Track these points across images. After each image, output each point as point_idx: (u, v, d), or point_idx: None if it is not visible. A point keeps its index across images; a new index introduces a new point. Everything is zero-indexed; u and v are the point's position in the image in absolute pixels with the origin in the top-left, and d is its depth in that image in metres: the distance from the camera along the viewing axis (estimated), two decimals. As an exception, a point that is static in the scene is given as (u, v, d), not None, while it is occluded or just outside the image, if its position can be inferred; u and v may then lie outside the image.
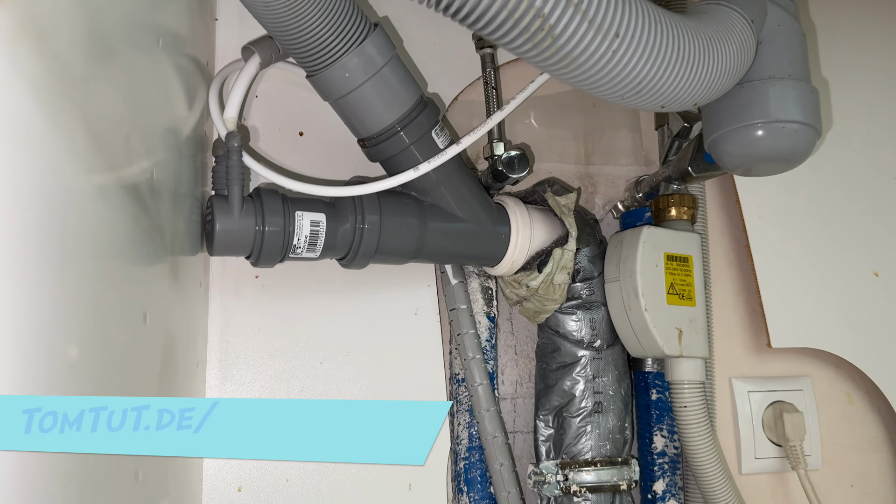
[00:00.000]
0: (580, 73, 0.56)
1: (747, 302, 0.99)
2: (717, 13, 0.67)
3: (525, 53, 0.55)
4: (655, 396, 0.89)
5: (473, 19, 0.53)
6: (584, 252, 0.85)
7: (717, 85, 0.64)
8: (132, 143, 0.47)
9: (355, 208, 0.73)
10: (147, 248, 0.50)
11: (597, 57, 0.54)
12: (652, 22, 0.56)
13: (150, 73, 0.55)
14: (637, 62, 0.56)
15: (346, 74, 0.70)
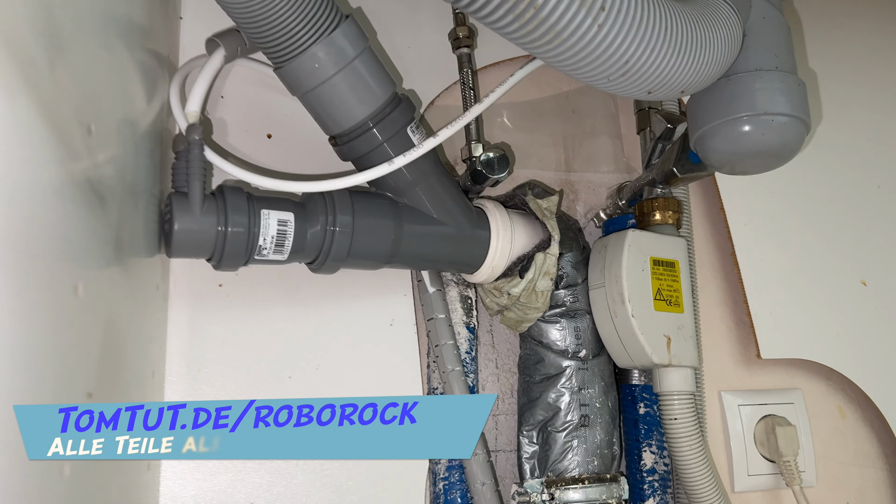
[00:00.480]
0: (565, 51, 0.53)
1: (734, 312, 0.95)
2: (704, 0, 0.65)
3: (507, 28, 0.52)
4: (643, 410, 0.85)
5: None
6: (568, 257, 0.81)
7: (705, 70, 0.61)
8: (84, 135, 0.43)
9: (326, 208, 0.69)
10: (92, 243, 0.45)
11: (582, 31, 0.51)
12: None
13: (106, 65, 0.51)
14: (624, 39, 0.53)
15: (316, 65, 0.66)
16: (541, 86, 0.96)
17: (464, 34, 0.85)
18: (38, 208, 0.36)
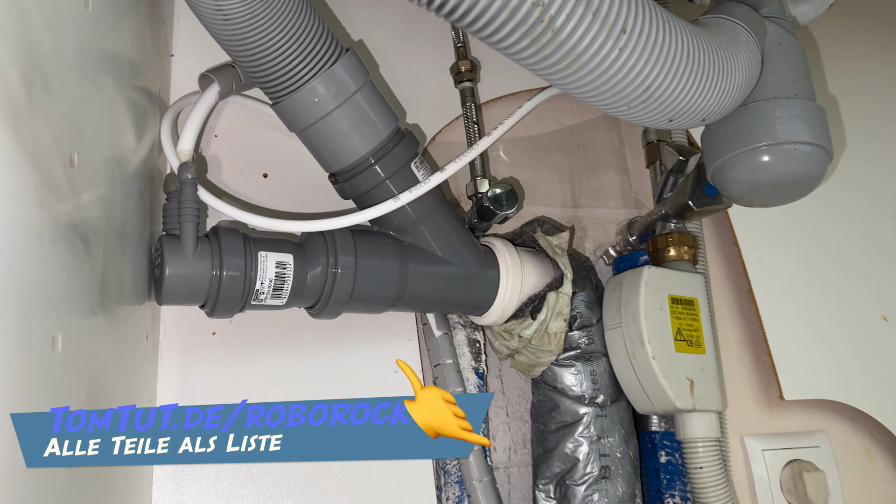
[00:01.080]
0: (584, 76, 0.50)
1: (753, 352, 0.91)
2: (722, 25, 0.62)
3: (523, 53, 0.48)
4: (665, 459, 0.80)
5: (465, 15, 0.46)
6: (581, 297, 0.77)
7: (727, 97, 0.58)
8: (67, 173, 0.39)
9: (327, 249, 0.65)
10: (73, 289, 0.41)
11: (602, 55, 0.48)
12: (660, 22, 0.51)
13: (92, 101, 0.47)
14: (645, 64, 0.50)
15: (315, 100, 0.63)
16: (544, 121, 0.93)
17: (466, 68, 0.82)
18: (13, 250, 0.32)
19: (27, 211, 0.33)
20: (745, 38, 0.62)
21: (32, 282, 0.34)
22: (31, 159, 0.33)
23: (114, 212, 0.52)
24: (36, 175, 0.34)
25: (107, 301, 0.49)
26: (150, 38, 0.67)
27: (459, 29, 0.84)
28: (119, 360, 0.54)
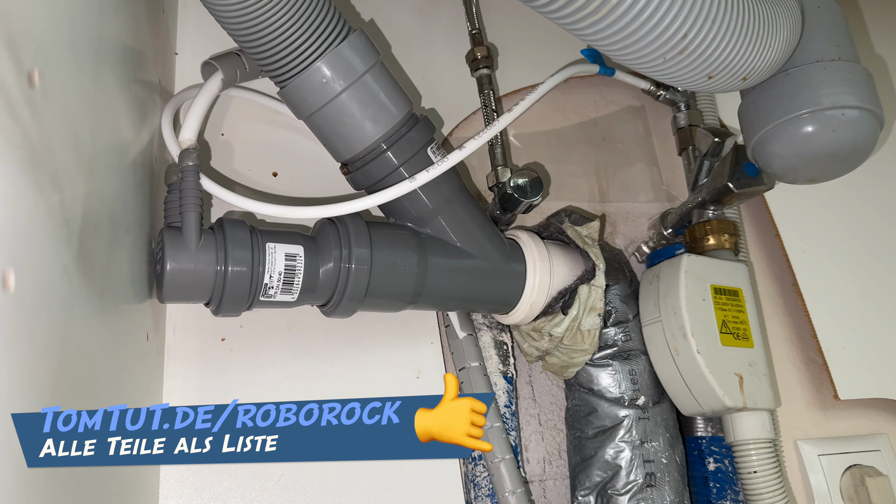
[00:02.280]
0: (614, 21, 0.45)
1: (802, 350, 0.85)
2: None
3: (552, 5, 0.44)
4: (713, 466, 0.73)
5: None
6: (615, 290, 0.72)
7: (770, 54, 0.53)
8: (63, 164, 0.35)
9: (340, 241, 0.60)
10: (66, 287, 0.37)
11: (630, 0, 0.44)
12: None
13: (89, 91, 0.43)
14: (679, 10, 0.46)
15: (323, 80, 0.59)
16: (566, 114, 0.89)
17: (482, 54, 0.78)
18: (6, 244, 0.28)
19: (22, 201, 0.29)
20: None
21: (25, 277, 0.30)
22: (26, 148, 0.29)
23: (111, 204, 0.48)
24: (29, 165, 0.30)
25: (104, 300, 0.45)
26: (149, 28, 0.64)
27: (474, 14, 0.80)
28: (118, 363, 0.49)
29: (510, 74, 0.85)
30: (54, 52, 0.34)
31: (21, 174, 0.29)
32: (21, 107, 0.28)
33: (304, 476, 0.65)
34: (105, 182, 0.47)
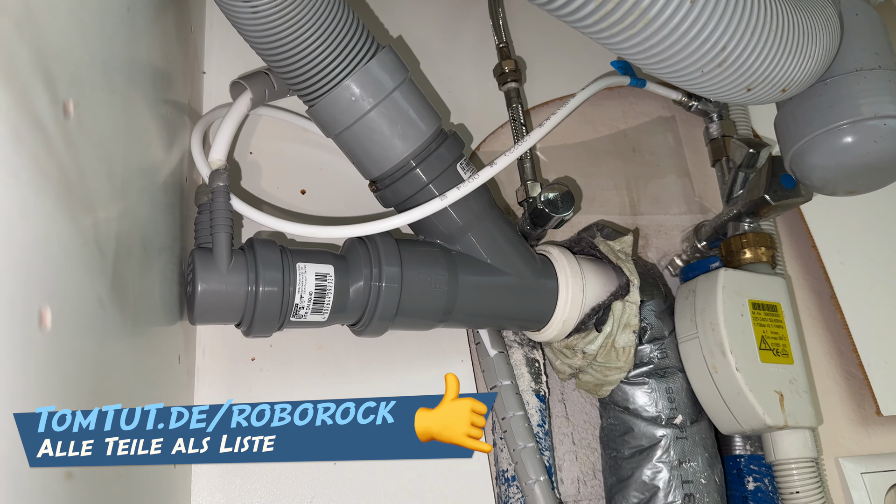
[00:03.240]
0: (651, 36, 0.44)
1: (841, 365, 0.82)
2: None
3: (588, 19, 0.43)
4: (753, 486, 0.71)
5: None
6: (650, 306, 0.70)
7: (809, 64, 0.52)
8: (94, 187, 0.35)
9: (370, 260, 0.60)
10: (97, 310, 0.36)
11: (669, 11, 0.43)
12: (733, -28, 0.45)
13: (119, 113, 0.43)
14: (718, 23, 0.45)
15: (351, 98, 0.58)
16: (595, 126, 0.88)
17: (510, 68, 0.77)
18: (37, 265, 0.27)
19: (51, 224, 0.29)
20: (823, 2, 0.56)
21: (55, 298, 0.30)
22: (57, 171, 0.29)
23: (142, 227, 0.48)
24: (60, 187, 0.30)
25: (135, 322, 0.45)
26: (178, 48, 0.64)
27: (501, 28, 0.80)
28: (148, 384, 0.49)
29: (538, 87, 0.84)
30: (88, 79, 0.34)
31: (57, 207, 0.28)
32: (56, 139, 0.28)
33: (336, 497, 0.64)
34: (137, 205, 0.47)
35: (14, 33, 0.23)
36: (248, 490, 0.63)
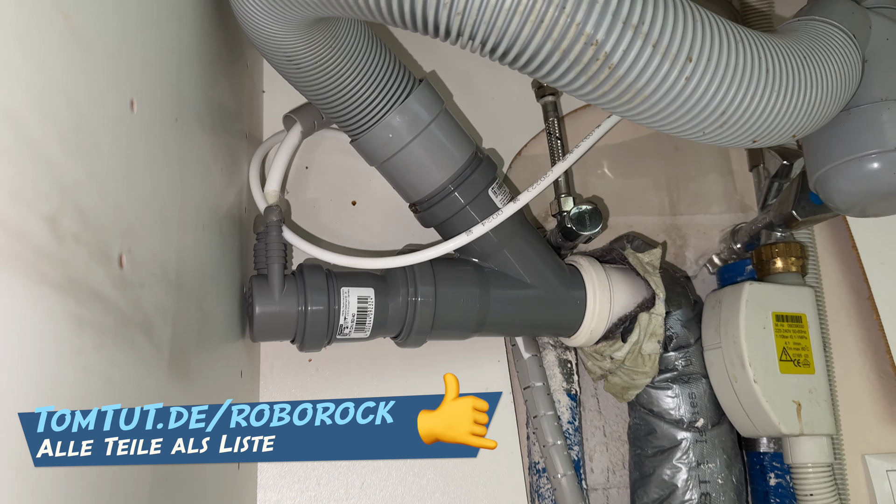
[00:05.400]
0: (649, 108, 0.47)
1: (875, 363, 0.84)
2: (811, 29, 0.57)
3: (581, 90, 0.47)
4: (774, 482, 0.75)
5: (517, 58, 0.45)
6: (676, 315, 0.74)
7: (817, 111, 0.53)
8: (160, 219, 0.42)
9: (407, 280, 0.66)
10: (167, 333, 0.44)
11: (666, 86, 0.46)
12: (732, 41, 0.47)
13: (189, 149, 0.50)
14: (717, 90, 0.47)
15: (390, 135, 0.64)
16: (637, 126, 0.89)
17: (548, 82, 0.80)
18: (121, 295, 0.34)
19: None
20: (840, 41, 0.57)
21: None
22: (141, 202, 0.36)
23: (206, 255, 0.55)
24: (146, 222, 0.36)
25: (202, 342, 0.52)
26: (244, 78, 0.71)
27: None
28: (209, 398, 0.57)
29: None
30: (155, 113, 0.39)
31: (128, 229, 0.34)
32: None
33: (381, 483, 0.72)
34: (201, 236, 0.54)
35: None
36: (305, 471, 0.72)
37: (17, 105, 0.23)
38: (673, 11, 0.45)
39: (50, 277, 0.24)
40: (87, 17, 0.28)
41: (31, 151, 0.23)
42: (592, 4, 0.42)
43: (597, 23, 0.43)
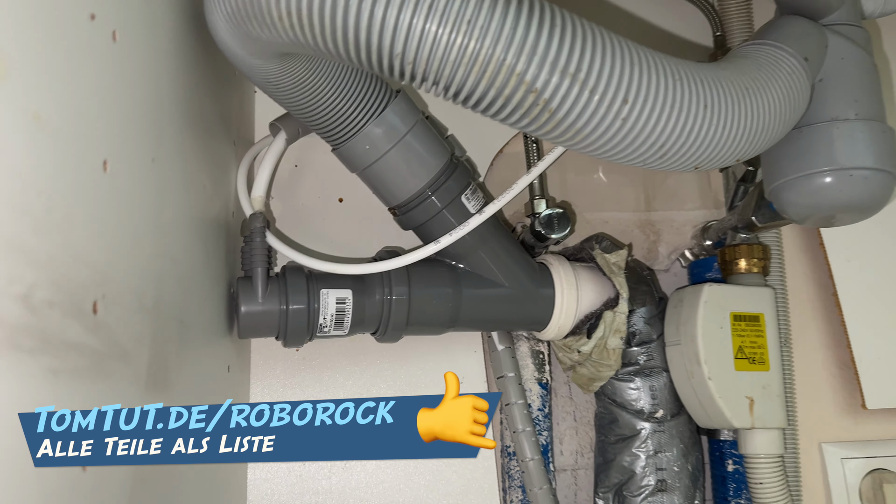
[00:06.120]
0: (590, 143, 0.51)
1: (838, 356, 0.88)
2: (760, 55, 0.60)
3: (529, 129, 0.50)
4: (732, 468, 0.81)
5: (467, 99, 0.49)
6: (640, 313, 0.79)
7: (758, 138, 0.57)
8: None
9: (382, 281, 0.71)
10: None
11: (604, 127, 0.49)
12: (669, 80, 0.51)
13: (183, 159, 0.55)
14: (654, 126, 0.50)
15: (367, 146, 0.68)
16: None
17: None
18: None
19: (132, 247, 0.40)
20: (788, 67, 0.59)
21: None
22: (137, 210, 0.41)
23: (195, 256, 0.60)
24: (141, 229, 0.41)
25: (181, 350, 0.57)
26: (237, 82, 0.75)
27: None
28: (196, 384, 0.62)
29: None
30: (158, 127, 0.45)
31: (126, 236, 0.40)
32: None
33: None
34: (191, 238, 0.59)
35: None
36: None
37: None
38: (610, 56, 0.48)
39: (24, 345, 0.29)
40: (58, 106, 0.33)
41: (4, 246, 0.28)
42: (531, 56, 0.46)
43: (535, 73, 0.46)
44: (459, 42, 0.45)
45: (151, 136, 0.47)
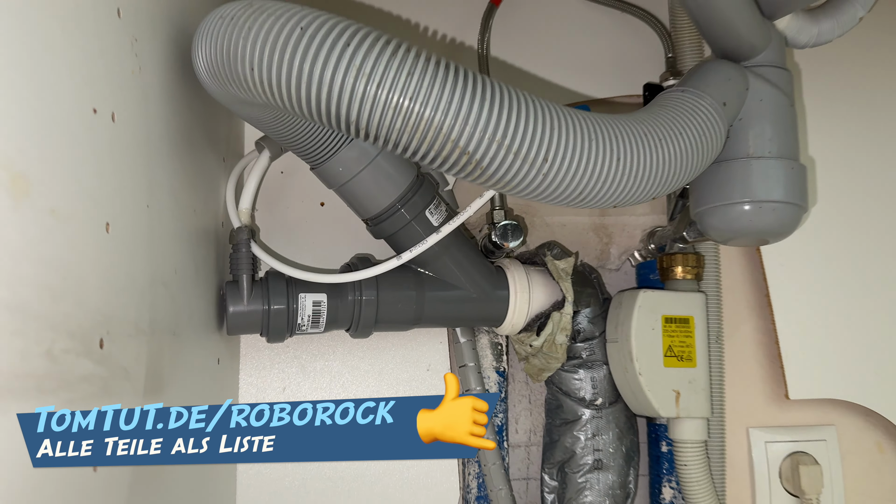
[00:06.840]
0: (519, 191, 0.60)
1: (768, 350, 0.98)
2: (679, 103, 0.68)
3: (464, 179, 0.59)
4: (665, 449, 0.92)
5: (412, 154, 0.58)
6: (585, 313, 0.88)
7: (671, 180, 0.65)
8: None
9: (354, 286, 0.80)
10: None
11: (528, 181, 0.58)
12: (584, 138, 0.59)
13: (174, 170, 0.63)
14: (572, 179, 0.59)
15: (341, 168, 0.77)
16: (578, 132, 1.01)
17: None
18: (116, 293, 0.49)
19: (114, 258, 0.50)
20: (704, 114, 0.67)
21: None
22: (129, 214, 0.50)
23: (187, 260, 0.69)
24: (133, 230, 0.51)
25: (173, 355, 0.67)
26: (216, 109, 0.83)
27: (485, 44, 0.93)
28: (187, 380, 0.72)
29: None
30: (164, 145, 0.55)
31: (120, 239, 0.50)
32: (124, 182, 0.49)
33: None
34: (185, 245, 0.68)
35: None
36: (278, 433, 0.89)
37: (19, 300, 0.37)
38: (533, 122, 0.57)
39: (48, 387, 0.39)
40: (69, 196, 0.42)
41: (32, 318, 0.38)
42: (464, 125, 0.54)
43: (468, 140, 0.55)
44: (404, 113, 0.54)
45: (144, 187, 0.56)
